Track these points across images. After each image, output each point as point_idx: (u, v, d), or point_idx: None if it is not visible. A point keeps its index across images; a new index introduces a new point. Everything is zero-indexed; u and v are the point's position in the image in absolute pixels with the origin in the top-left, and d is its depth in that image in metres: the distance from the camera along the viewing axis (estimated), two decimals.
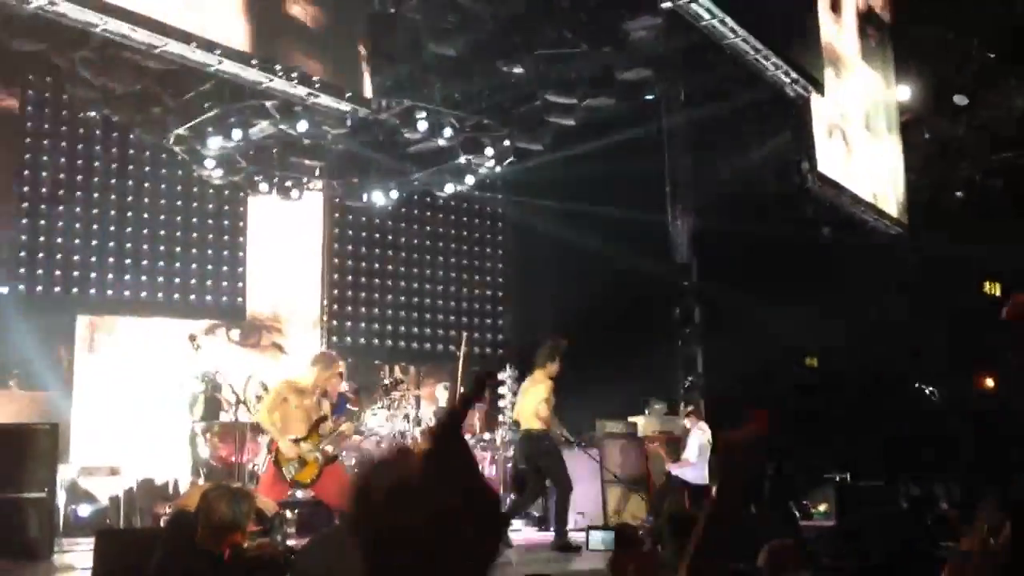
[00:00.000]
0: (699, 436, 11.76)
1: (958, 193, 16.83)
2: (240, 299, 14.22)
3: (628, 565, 3.06)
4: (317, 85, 9.88)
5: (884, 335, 13.48)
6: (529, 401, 9.64)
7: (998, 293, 16.35)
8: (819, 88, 13.27)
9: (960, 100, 15.14)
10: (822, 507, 12.89)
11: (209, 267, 14.01)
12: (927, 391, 11.80)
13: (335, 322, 15.14)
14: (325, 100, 9.99)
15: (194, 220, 13.89)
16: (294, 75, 9.62)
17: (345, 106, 10.11)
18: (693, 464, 11.63)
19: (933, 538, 8.16)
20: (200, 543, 5.52)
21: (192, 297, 13.79)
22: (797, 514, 11.41)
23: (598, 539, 8.31)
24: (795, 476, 12.60)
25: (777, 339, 13.39)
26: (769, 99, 13.33)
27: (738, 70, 12.94)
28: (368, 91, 10.29)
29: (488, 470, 13.00)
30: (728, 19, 10.95)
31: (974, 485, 10.21)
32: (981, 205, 16.36)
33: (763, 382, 13.40)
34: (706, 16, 10.78)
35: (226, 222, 14.16)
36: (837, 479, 13.04)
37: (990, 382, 15.61)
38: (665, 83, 12.58)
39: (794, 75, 12.82)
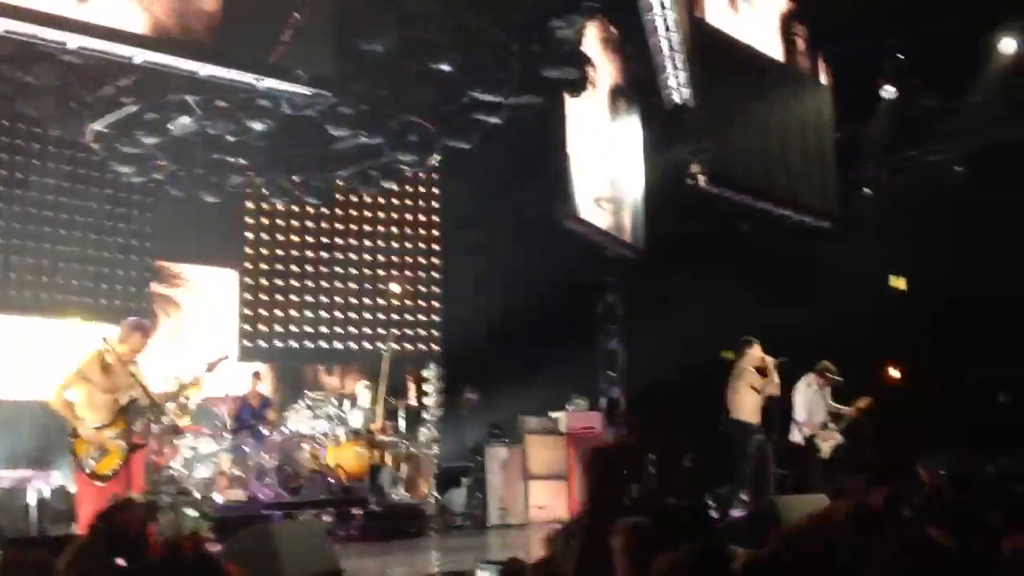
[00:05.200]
0: None
1: (866, 190, 17.34)
2: (145, 304, 13.68)
3: None
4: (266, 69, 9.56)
5: (796, 327, 13.80)
6: None
7: (903, 287, 16.91)
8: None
9: (887, 93, 15.48)
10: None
11: (119, 271, 13.51)
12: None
13: (248, 326, 14.78)
14: (271, 83, 9.65)
15: (106, 223, 13.41)
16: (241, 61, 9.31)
17: (305, 90, 9.83)
18: None
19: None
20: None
21: (103, 301, 13.26)
22: (712, 505, 11.55)
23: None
24: (715, 468, 12.77)
25: (697, 334, 13.61)
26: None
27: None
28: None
29: (410, 468, 12.95)
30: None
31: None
32: (888, 202, 16.90)
33: (684, 377, 13.59)
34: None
35: (134, 226, 13.66)
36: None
37: (895, 373, 16.12)
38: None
39: (681, 81, 13.37)
